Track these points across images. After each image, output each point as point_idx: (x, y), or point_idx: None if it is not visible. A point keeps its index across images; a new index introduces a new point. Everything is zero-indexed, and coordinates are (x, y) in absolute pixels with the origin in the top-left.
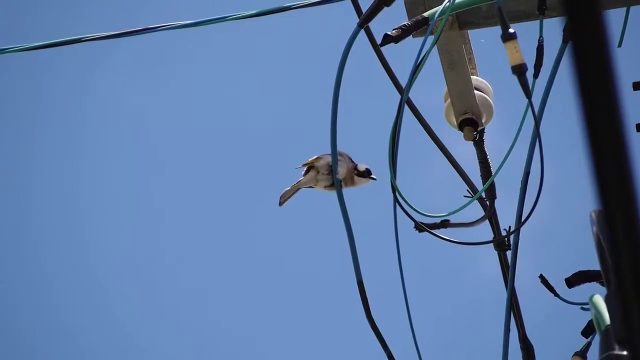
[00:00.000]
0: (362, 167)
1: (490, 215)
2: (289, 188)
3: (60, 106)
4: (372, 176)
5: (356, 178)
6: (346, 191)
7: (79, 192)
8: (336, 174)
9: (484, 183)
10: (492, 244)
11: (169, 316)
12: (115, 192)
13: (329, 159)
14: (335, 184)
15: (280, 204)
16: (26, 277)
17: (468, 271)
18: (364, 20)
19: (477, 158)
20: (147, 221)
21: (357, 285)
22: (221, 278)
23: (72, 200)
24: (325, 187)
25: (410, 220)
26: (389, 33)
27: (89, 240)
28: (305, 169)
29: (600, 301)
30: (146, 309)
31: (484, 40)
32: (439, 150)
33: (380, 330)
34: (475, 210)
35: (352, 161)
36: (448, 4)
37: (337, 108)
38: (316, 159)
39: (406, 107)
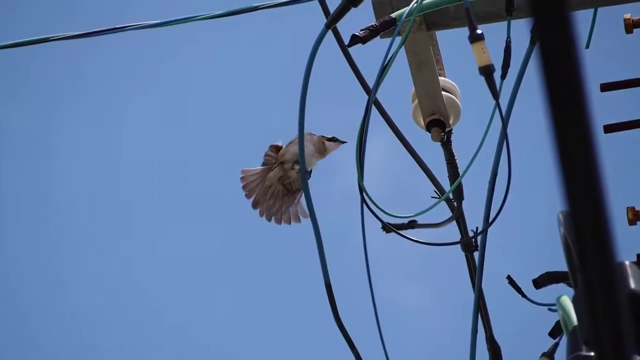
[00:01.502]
0: (328, 136)
1: (458, 216)
2: (254, 183)
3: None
4: (341, 140)
5: (327, 145)
6: (314, 191)
7: (89, 192)
8: (305, 176)
9: (451, 184)
10: (459, 244)
11: (164, 317)
12: (109, 193)
13: (294, 150)
14: (304, 189)
15: (261, 211)
16: (29, 275)
17: (434, 271)
18: (332, 21)
19: (444, 159)
20: (137, 224)
21: (324, 288)
22: (188, 279)
23: (81, 200)
24: (297, 175)
25: (378, 221)
26: (356, 34)
27: (92, 240)
28: (266, 162)
29: (567, 302)
30: (141, 310)
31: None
32: (406, 150)
33: (348, 332)
34: (443, 211)
35: (314, 134)
36: (415, 5)
37: (305, 108)
38: (281, 153)
39: (374, 108)
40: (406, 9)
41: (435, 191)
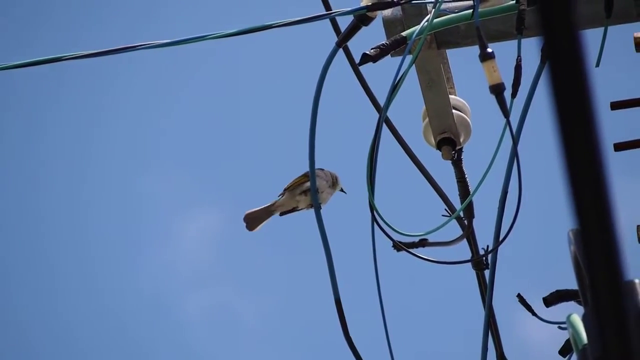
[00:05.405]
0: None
1: (468, 234)
2: (256, 210)
3: (70, 119)
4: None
5: (337, 178)
6: (324, 210)
7: (82, 193)
8: (315, 193)
9: (462, 202)
10: (470, 263)
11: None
12: (116, 192)
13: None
14: (314, 203)
15: (252, 228)
16: (29, 276)
17: (445, 290)
18: (343, 40)
19: (455, 177)
20: (148, 222)
21: (334, 304)
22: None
23: (75, 201)
24: (308, 206)
25: (389, 239)
26: (367, 52)
27: (91, 242)
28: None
29: (577, 320)
30: (145, 309)
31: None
32: (417, 169)
33: (358, 349)
34: (454, 230)
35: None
36: (426, 23)
37: (316, 127)
38: (300, 182)
39: (384, 126)
40: (417, 28)
41: (446, 209)
